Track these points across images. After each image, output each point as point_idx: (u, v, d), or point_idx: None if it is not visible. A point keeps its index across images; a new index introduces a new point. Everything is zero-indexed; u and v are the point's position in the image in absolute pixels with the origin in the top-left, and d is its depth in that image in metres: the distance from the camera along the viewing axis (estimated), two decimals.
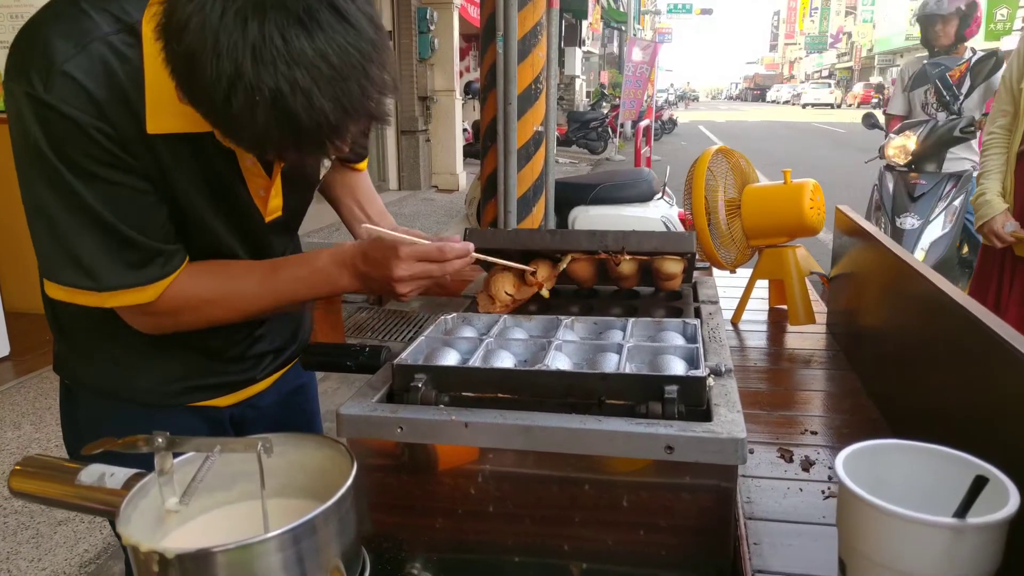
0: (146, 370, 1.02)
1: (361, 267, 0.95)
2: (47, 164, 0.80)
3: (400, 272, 0.93)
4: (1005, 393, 0.76)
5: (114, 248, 0.86)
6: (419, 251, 0.94)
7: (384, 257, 0.93)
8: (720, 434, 0.70)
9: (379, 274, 0.94)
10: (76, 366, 1.03)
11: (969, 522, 0.55)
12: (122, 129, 0.81)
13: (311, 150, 0.75)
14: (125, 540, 0.50)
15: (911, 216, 3.60)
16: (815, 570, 0.83)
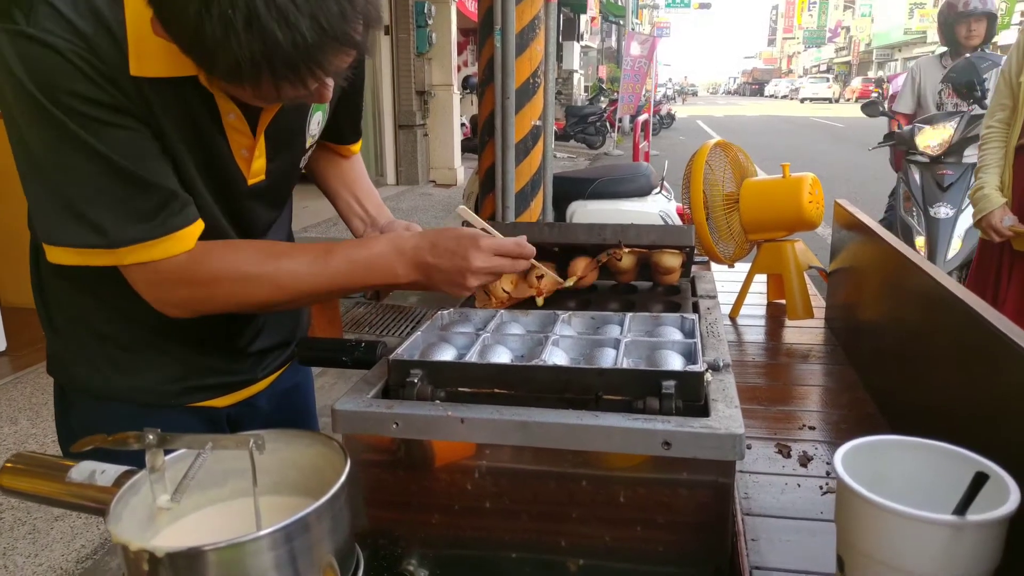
0: (145, 370, 0.99)
1: (428, 258, 0.91)
2: (35, 107, 0.76)
3: (478, 264, 0.90)
4: (1005, 388, 0.76)
5: (122, 195, 0.80)
6: (498, 244, 0.92)
7: (461, 247, 0.90)
8: (718, 430, 0.70)
9: (452, 265, 0.90)
10: (71, 367, 1.00)
11: (969, 519, 0.54)
12: (110, 65, 0.77)
13: (288, 77, 0.71)
14: (115, 538, 0.50)
15: (944, 206, 3.64)
16: (813, 566, 0.83)
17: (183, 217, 0.85)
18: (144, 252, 0.82)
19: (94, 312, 0.96)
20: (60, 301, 0.98)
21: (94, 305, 0.96)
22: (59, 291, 0.97)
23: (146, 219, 0.82)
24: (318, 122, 1.02)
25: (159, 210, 0.82)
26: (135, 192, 0.81)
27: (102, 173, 0.79)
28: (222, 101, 0.86)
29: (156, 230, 0.82)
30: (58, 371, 1.02)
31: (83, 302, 0.96)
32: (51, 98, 0.75)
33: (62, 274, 0.93)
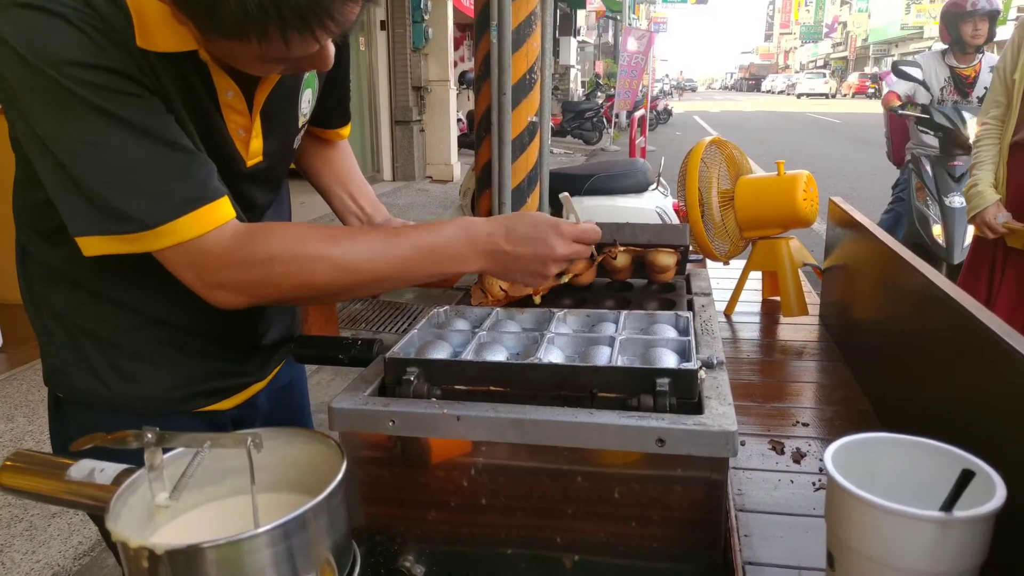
0: (152, 377, 0.95)
1: (505, 245, 0.86)
2: (46, 85, 0.71)
3: (561, 250, 0.87)
4: (995, 386, 0.77)
5: (152, 168, 0.75)
6: (579, 231, 0.90)
7: (541, 234, 0.87)
8: (711, 427, 0.70)
9: (532, 252, 0.87)
10: (72, 376, 0.95)
11: (955, 516, 0.55)
12: (120, 32, 0.73)
13: (297, 26, 0.68)
14: (115, 536, 0.50)
15: (958, 195, 3.70)
16: (805, 562, 0.84)
17: (216, 188, 0.80)
18: (184, 229, 0.77)
19: (97, 319, 0.93)
20: (58, 309, 0.93)
21: (98, 311, 0.92)
22: (57, 299, 0.93)
23: (179, 193, 0.77)
24: (308, 100, 1.00)
25: (191, 181, 0.78)
26: (165, 164, 0.76)
27: (129, 145, 0.74)
28: (219, 78, 0.83)
29: (191, 203, 0.77)
30: (57, 382, 0.97)
31: (85, 308, 0.92)
32: (63, 72, 0.71)
33: (61, 281, 0.91)
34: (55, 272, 0.92)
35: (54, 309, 0.93)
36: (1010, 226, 2.29)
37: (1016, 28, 2.39)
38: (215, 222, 0.79)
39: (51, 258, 0.91)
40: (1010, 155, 2.34)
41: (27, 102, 0.73)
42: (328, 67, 0.82)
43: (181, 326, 0.95)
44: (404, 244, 0.84)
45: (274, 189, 1.06)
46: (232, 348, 1.03)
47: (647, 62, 10.71)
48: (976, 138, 2.46)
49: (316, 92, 1.03)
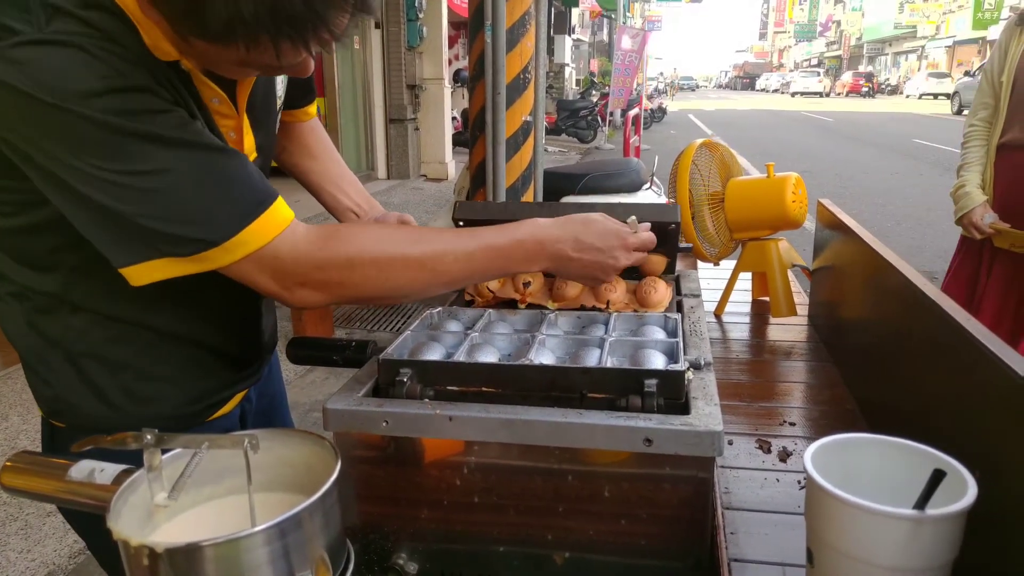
0: (166, 396, 0.94)
1: (570, 253, 0.89)
2: (71, 120, 0.67)
3: (624, 262, 0.91)
4: (973, 388, 0.79)
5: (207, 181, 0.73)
6: (640, 241, 0.93)
7: (608, 246, 0.90)
8: (697, 427, 0.72)
9: (595, 261, 0.90)
10: (77, 404, 0.91)
11: (928, 514, 0.57)
12: (129, 46, 0.71)
13: (290, 36, 0.66)
14: (116, 535, 0.52)
15: None
16: (789, 558, 0.86)
17: (270, 186, 0.79)
18: (254, 237, 0.75)
19: (105, 341, 0.90)
20: (53, 336, 0.89)
21: (106, 333, 0.90)
22: (52, 326, 0.89)
23: (240, 201, 0.75)
24: (282, 80, 1.00)
25: (247, 186, 0.76)
26: (218, 175, 0.75)
27: (176, 165, 0.72)
28: (203, 87, 0.82)
29: (254, 210, 0.75)
30: (57, 411, 0.93)
31: (90, 332, 0.89)
32: (90, 106, 0.68)
33: (58, 306, 0.87)
34: (49, 298, 0.87)
35: (49, 336, 0.89)
36: (997, 227, 2.31)
37: (1003, 31, 2.41)
38: (282, 224, 0.78)
39: (42, 284, 0.86)
40: (997, 156, 2.36)
41: (46, 144, 0.70)
42: (308, 74, 0.81)
43: (194, 340, 0.95)
44: (478, 245, 0.86)
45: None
46: (241, 357, 1.03)
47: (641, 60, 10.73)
48: (963, 140, 2.48)
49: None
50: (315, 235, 0.81)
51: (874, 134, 16.82)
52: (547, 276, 1.16)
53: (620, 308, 1.07)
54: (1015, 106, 2.28)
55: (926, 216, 7.39)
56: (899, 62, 50.87)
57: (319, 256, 0.80)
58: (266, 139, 0.97)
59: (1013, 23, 2.36)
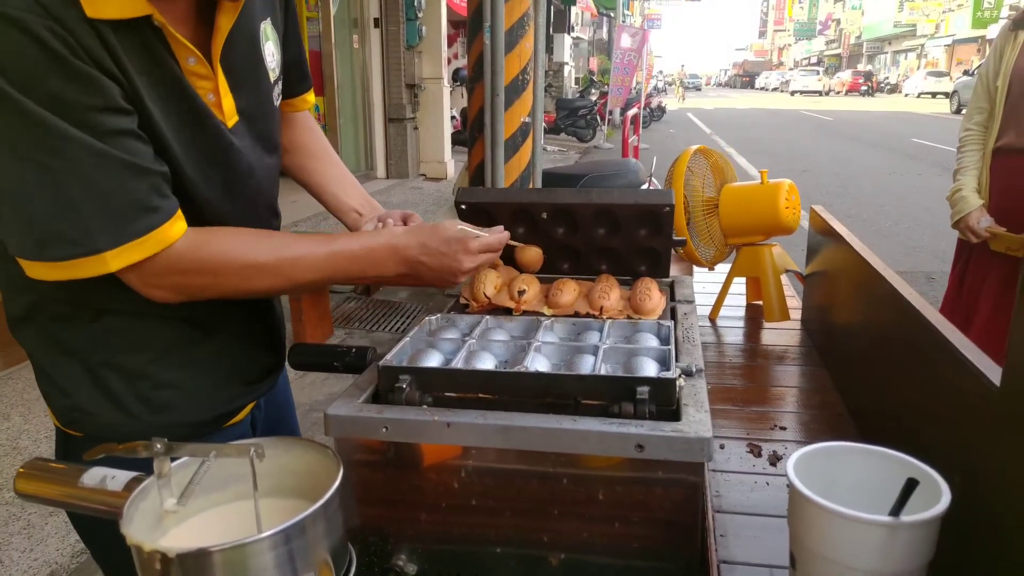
0: (185, 405, 0.97)
1: (421, 257, 0.95)
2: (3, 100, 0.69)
3: (467, 265, 0.97)
4: (952, 396, 0.81)
5: (108, 190, 0.75)
6: (485, 243, 0.98)
7: (451, 251, 0.96)
8: (687, 433, 0.74)
9: (442, 265, 0.96)
10: (95, 414, 0.93)
11: (902, 520, 0.60)
12: (68, 20, 0.71)
13: None
14: (129, 540, 0.54)
15: None
16: (777, 560, 0.88)
17: (171, 202, 0.82)
18: (137, 251, 0.78)
19: (123, 349, 0.92)
20: (71, 346, 0.91)
21: (128, 342, 0.92)
22: (71, 335, 0.91)
23: (135, 213, 0.78)
24: (271, 53, 1.00)
25: (147, 200, 0.79)
26: (121, 184, 0.76)
27: (80, 165, 0.74)
28: (178, 47, 0.83)
29: (146, 223, 0.78)
30: (79, 422, 0.94)
31: (110, 340, 0.92)
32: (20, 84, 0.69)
33: (78, 313, 0.89)
34: (66, 305, 0.90)
35: (66, 346, 0.92)
36: (993, 230, 2.34)
37: (998, 35, 2.43)
38: (168, 241, 0.81)
39: (61, 291, 0.86)
40: (993, 160, 2.38)
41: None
42: None
43: (211, 349, 0.98)
44: (336, 249, 0.93)
45: (272, 150, 1.05)
46: (255, 367, 1.07)
47: (641, 59, 10.75)
48: (959, 144, 2.50)
49: (279, 47, 1.03)
50: (188, 244, 0.83)
51: (873, 133, 16.84)
52: (542, 283, 1.18)
53: (614, 315, 1.09)
54: (1010, 110, 2.30)
55: (924, 216, 7.41)
56: (898, 61, 50.88)
57: (187, 263, 0.84)
58: (252, 105, 0.97)
59: (1008, 28, 2.38)
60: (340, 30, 8.24)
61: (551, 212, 1.20)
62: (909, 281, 1.09)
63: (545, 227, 1.21)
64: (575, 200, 1.18)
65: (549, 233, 1.22)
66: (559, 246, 1.23)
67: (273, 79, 1.01)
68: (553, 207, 1.19)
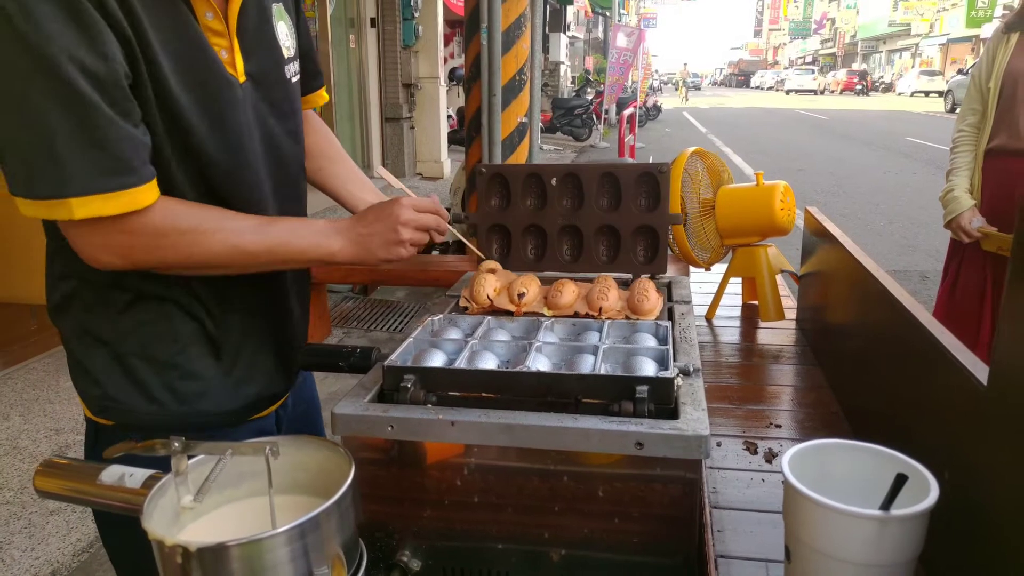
0: (212, 396, 1.00)
1: (360, 228, 0.96)
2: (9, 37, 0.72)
3: (405, 216, 0.96)
4: (942, 394, 0.84)
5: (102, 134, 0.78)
6: (415, 201, 0.99)
7: (385, 209, 0.97)
8: (685, 431, 0.76)
9: (382, 225, 0.96)
10: (125, 403, 0.97)
11: (892, 514, 0.62)
12: None
13: None
14: (151, 535, 0.56)
15: None
16: (772, 555, 0.90)
17: (149, 170, 0.84)
18: (105, 205, 0.80)
19: (154, 343, 0.96)
20: (112, 341, 0.95)
21: (157, 332, 0.96)
22: (112, 330, 0.95)
23: (112, 167, 0.80)
24: (285, 33, 1.04)
25: (126, 159, 0.81)
26: (104, 137, 0.79)
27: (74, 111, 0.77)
28: (197, 2, 0.87)
29: (119, 181, 0.80)
30: (110, 411, 0.98)
31: (140, 329, 0.95)
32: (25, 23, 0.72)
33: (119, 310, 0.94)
34: (101, 291, 0.94)
35: (98, 337, 0.95)
36: (984, 230, 2.36)
37: (991, 37, 2.46)
38: (140, 204, 0.83)
39: (100, 277, 0.92)
40: (985, 161, 2.41)
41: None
42: None
43: (238, 341, 1.02)
44: (280, 226, 0.94)
45: (288, 116, 1.06)
46: (280, 361, 1.10)
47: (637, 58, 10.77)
48: (952, 144, 2.53)
49: (293, 30, 1.06)
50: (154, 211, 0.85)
51: (868, 132, 16.89)
52: (542, 284, 1.20)
53: (613, 316, 1.11)
54: (1002, 112, 2.33)
55: (919, 215, 7.45)
56: (893, 60, 51.02)
57: (134, 226, 0.84)
58: (261, 72, 0.99)
59: (1000, 30, 2.41)
60: (336, 30, 8.24)
61: (560, 176, 1.27)
62: (903, 280, 1.12)
63: (553, 200, 1.28)
64: (574, 172, 1.27)
65: (555, 207, 1.28)
66: (562, 227, 1.29)
67: (287, 56, 1.04)
68: (562, 170, 1.27)
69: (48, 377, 3.56)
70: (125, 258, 0.86)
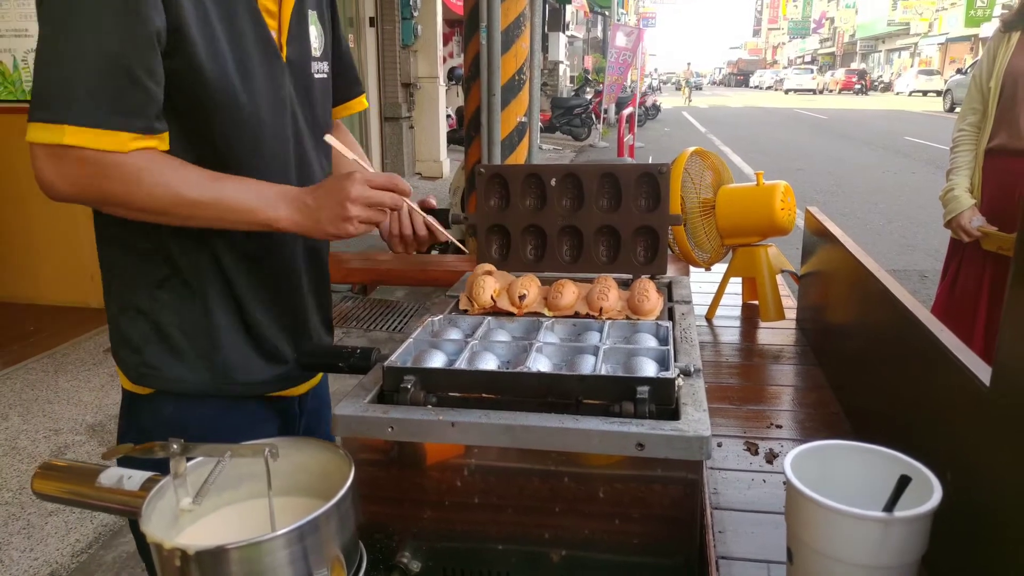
0: (240, 367, 1.07)
1: (308, 200, 0.96)
2: None
3: (355, 192, 0.95)
4: (943, 393, 0.83)
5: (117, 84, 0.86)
6: (370, 176, 0.98)
7: (337, 184, 0.96)
8: (687, 432, 0.76)
9: (331, 199, 0.95)
10: (161, 370, 1.04)
11: (895, 516, 0.62)
12: None
13: None
14: (149, 538, 0.56)
15: None
16: (773, 556, 0.90)
17: (161, 124, 0.91)
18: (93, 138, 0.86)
19: (190, 315, 1.03)
20: (151, 312, 1.03)
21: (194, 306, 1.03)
22: (151, 302, 1.03)
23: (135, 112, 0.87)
24: (315, 36, 1.12)
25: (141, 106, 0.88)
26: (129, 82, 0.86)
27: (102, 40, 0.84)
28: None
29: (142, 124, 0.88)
30: (147, 378, 1.05)
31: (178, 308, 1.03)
32: None
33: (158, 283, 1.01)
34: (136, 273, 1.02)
35: (139, 308, 1.03)
36: (985, 230, 2.36)
37: (992, 37, 2.46)
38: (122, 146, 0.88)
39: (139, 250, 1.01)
40: (985, 161, 2.41)
41: None
42: None
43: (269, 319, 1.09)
44: (230, 182, 0.96)
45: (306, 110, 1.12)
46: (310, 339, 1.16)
47: (636, 58, 10.77)
48: (953, 144, 2.53)
49: (322, 38, 1.14)
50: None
51: (867, 132, 16.90)
52: (542, 284, 1.20)
53: (613, 316, 1.11)
54: (1003, 111, 2.33)
55: (917, 214, 7.45)
56: (892, 59, 51.05)
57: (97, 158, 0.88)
58: (297, 58, 1.08)
59: (1000, 29, 2.41)
60: None
61: (560, 177, 1.27)
62: (902, 279, 1.11)
63: (552, 200, 1.27)
64: (574, 173, 1.27)
65: (555, 207, 1.27)
66: (562, 228, 1.28)
67: (315, 55, 1.13)
68: (561, 170, 1.27)
69: (47, 377, 3.55)
70: (73, 188, 0.90)
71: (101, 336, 4.04)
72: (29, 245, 4.29)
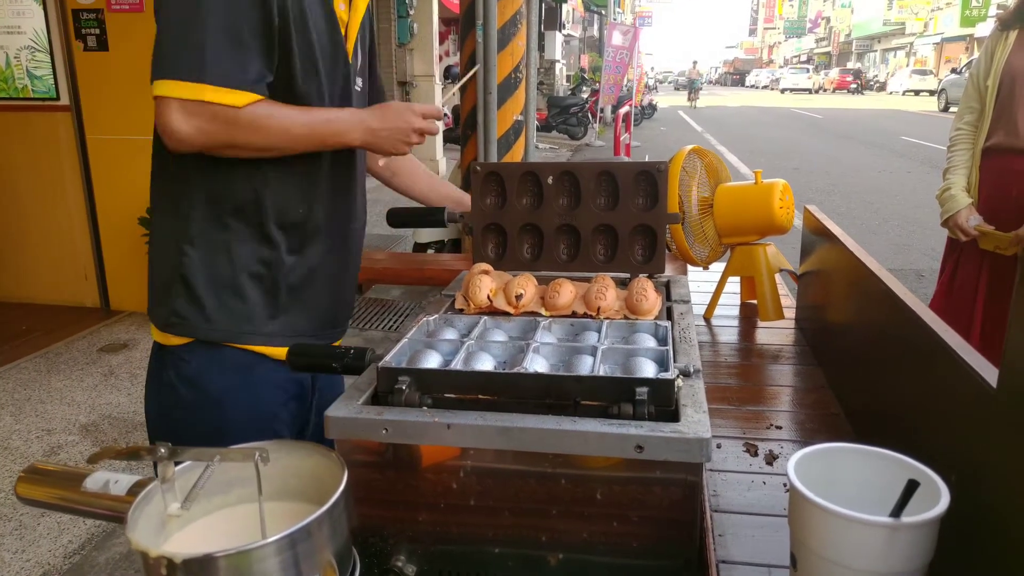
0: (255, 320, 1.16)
1: (375, 124, 1.15)
2: None
3: (417, 124, 1.17)
4: (947, 393, 0.82)
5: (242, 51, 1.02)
6: (426, 108, 1.20)
7: (399, 115, 1.17)
8: (686, 434, 0.75)
9: (397, 126, 1.16)
10: (187, 319, 1.14)
11: (903, 521, 0.61)
12: None
13: None
14: (134, 545, 0.54)
15: None
16: (775, 560, 0.89)
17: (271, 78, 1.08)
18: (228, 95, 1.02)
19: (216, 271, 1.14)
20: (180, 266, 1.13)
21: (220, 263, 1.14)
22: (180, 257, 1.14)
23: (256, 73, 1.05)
24: (360, 52, 1.27)
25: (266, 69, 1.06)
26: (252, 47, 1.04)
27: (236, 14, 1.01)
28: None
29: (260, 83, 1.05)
30: (174, 326, 1.15)
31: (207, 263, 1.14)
32: None
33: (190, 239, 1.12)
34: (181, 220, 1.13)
35: (172, 264, 1.14)
36: (982, 229, 2.36)
37: (989, 36, 2.45)
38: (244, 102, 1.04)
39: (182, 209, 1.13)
40: (982, 160, 2.40)
41: None
42: None
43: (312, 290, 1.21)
44: (315, 113, 1.13)
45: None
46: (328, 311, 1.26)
47: (632, 57, 10.77)
48: (950, 143, 2.52)
49: (361, 55, 1.27)
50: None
51: (862, 131, 16.93)
52: (539, 284, 1.19)
53: (611, 315, 1.10)
54: (1000, 110, 2.32)
55: (913, 214, 7.46)
56: (887, 59, 51.18)
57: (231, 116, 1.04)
58: (363, 55, 1.27)
59: (997, 28, 2.40)
60: None
61: (556, 175, 1.27)
62: (899, 278, 1.10)
63: (549, 198, 1.27)
64: (573, 170, 1.27)
65: (552, 206, 1.26)
66: (559, 226, 1.27)
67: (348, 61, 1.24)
68: (558, 168, 1.27)
69: (40, 377, 3.53)
70: (201, 138, 1.04)
71: (95, 336, 4.01)
72: (22, 244, 4.27)
